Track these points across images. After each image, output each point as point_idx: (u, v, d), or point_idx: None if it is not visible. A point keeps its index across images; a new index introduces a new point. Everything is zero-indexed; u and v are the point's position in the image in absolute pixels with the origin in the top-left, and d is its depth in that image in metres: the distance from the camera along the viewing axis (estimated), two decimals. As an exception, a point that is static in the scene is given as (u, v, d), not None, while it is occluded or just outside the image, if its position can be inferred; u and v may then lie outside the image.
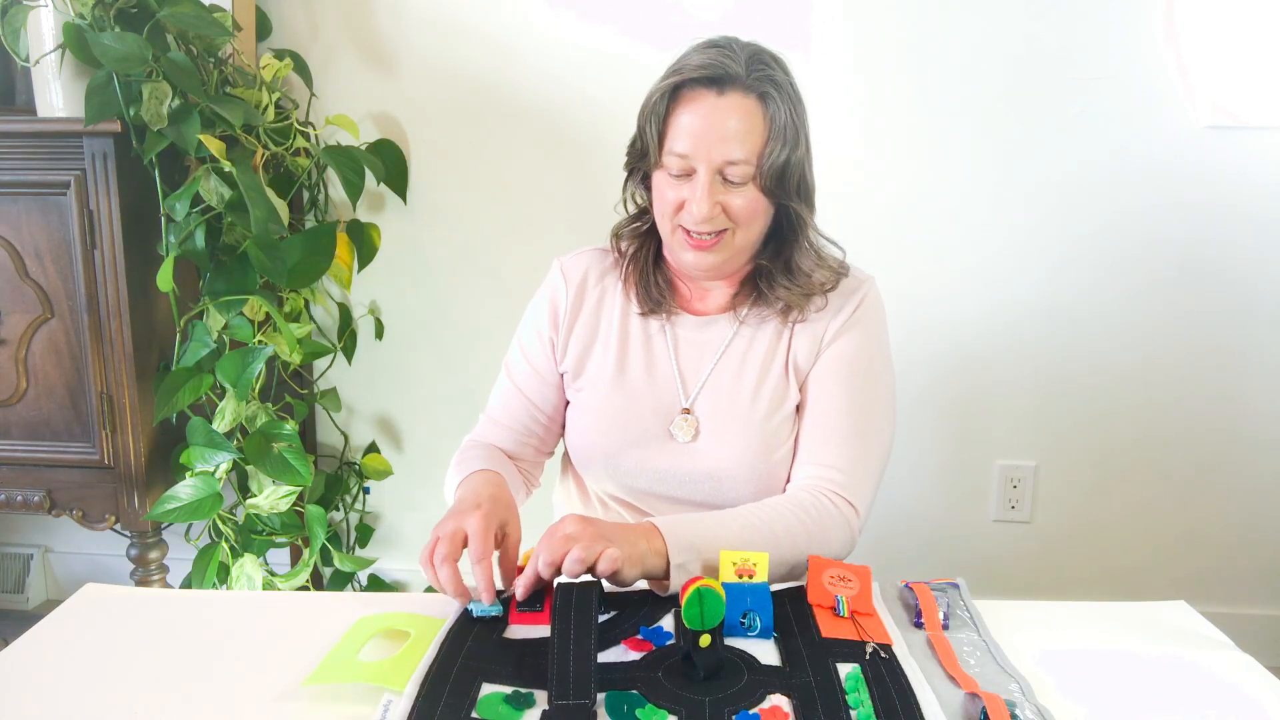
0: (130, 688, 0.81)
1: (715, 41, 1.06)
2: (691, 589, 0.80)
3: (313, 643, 0.86)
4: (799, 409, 1.13)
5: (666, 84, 1.05)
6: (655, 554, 0.92)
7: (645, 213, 1.17)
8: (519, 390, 1.21)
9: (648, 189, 1.14)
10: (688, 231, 1.07)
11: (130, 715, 0.77)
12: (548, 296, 1.21)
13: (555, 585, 0.89)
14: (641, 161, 1.11)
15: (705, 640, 0.80)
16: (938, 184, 1.90)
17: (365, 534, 2.13)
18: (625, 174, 1.17)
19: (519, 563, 0.94)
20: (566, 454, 1.26)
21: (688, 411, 1.13)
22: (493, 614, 0.88)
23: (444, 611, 0.90)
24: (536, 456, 1.25)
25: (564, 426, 1.24)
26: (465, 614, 0.89)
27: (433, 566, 0.91)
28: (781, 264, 1.12)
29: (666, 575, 0.93)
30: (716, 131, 1.02)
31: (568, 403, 1.22)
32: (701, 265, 1.10)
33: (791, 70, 1.08)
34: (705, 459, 1.12)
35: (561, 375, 1.21)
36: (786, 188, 1.06)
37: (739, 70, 1.02)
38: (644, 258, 1.17)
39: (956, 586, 0.99)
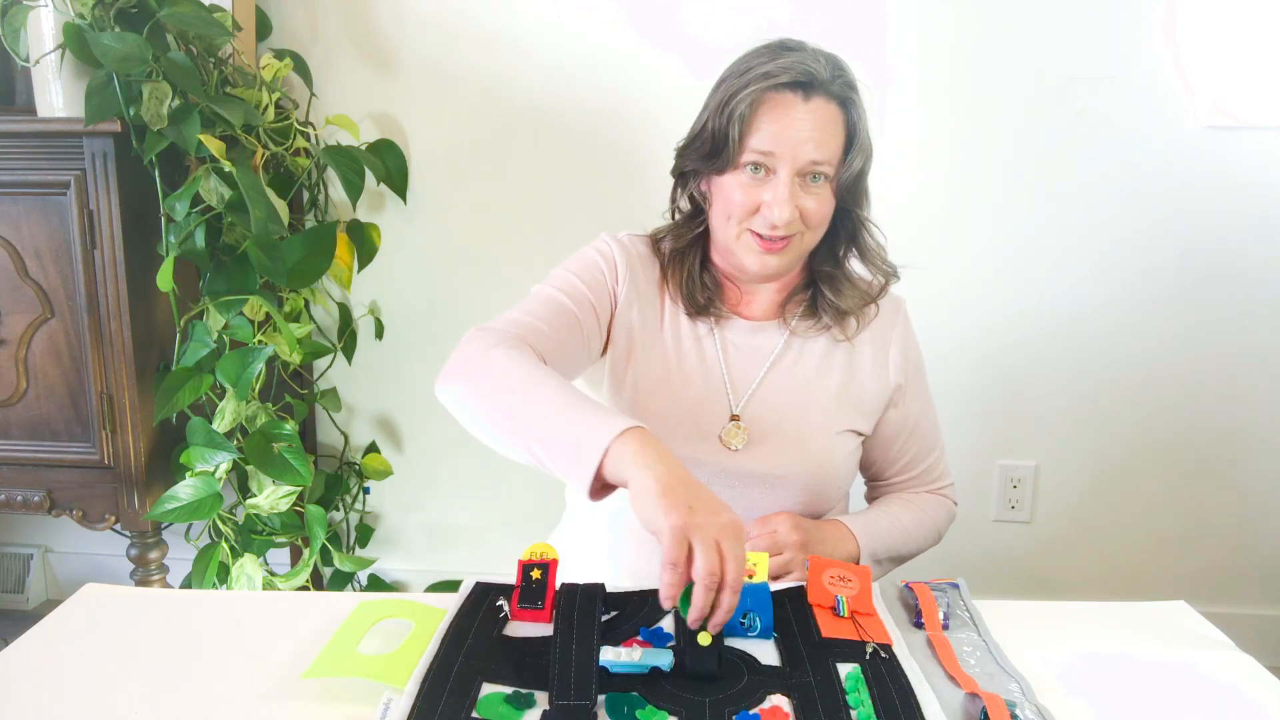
0: (130, 688, 0.81)
1: (788, 45, 1.04)
2: (685, 586, 0.81)
3: (312, 642, 0.86)
4: (875, 435, 1.19)
5: (755, 88, 1.01)
6: (848, 557, 1.09)
7: (695, 217, 1.14)
8: (568, 301, 1.06)
9: (700, 193, 1.12)
10: (756, 235, 1.05)
11: (130, 715, 0.77)
12: (609, 253, 1.13)
13: (558, 585, 0.89)
14: (708, 162, 1.07)
15: (705, 638, 0.79)
16: (935, 186, 1.90)
17: (365, 534, 2.13)
18: (674, 180, 1.14)
19: (522, 558, 0.94)
20: None
21: (736, 418, 1.11)
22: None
23: (444, 604, 0.90)
24: None
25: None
26: (463, 611, 0.89)
27: (709, 585, 0.75)
28: (841, 271, 1.14)
29: None
30: (802, 133, 1.01)
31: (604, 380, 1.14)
32: (767, 268, 1.08)
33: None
34: (756, 467, 1.10)
35: (605, 349, 1.13)
36: (856, 195, 1.08)
37: (824, 74, 1.01)
38: (689, 260, 1.14)
39: (956, 586, 0.99)
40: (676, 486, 0.78)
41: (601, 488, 0.83)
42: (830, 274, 1.13)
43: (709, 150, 1.06)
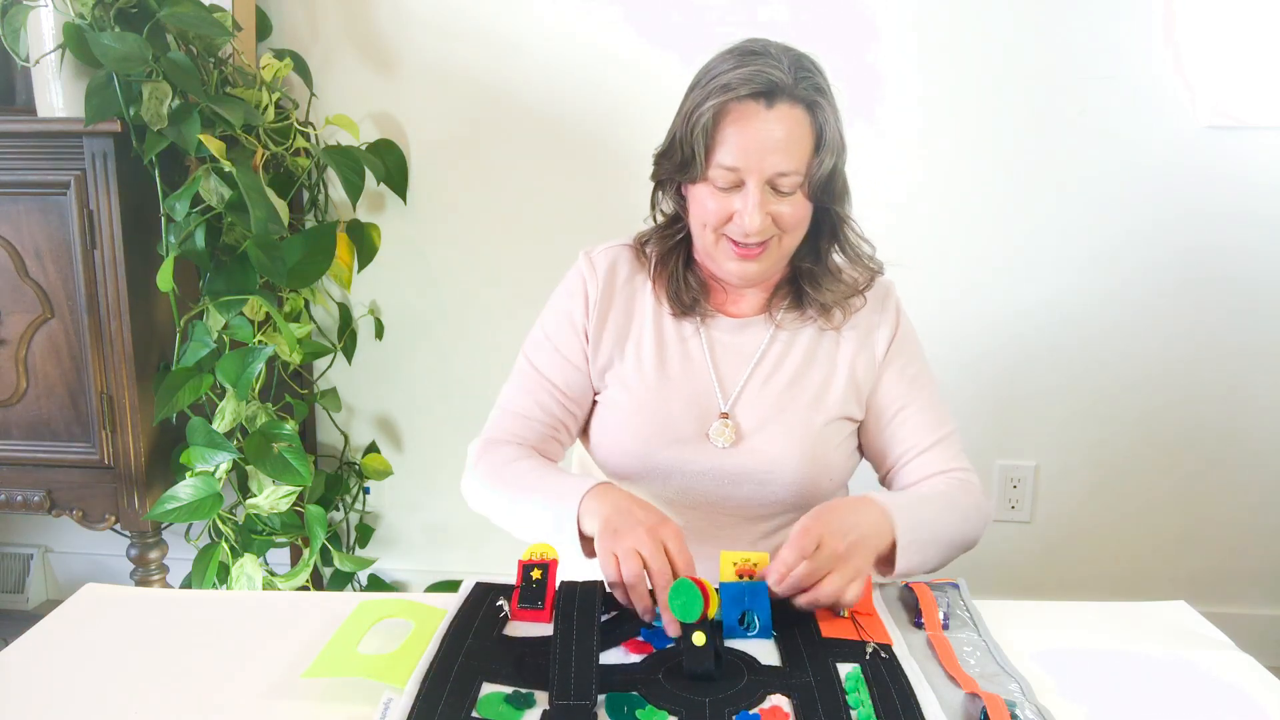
0: (130, 688, 0.81)
1: (752, 49, 1.03)
2: (674, 584, 0.83)
3: (312, 642, 0.86)
4: (870, 415, 1.16)
5: (715, 101, 1.01)
6: (885, 546, 0.97)
7: (676, 221, 1.15)
8: (547, 380, 1.15)
9: (679, 198, 1.13)
10: (733, 241, 1.06)
11: (130, 715, 0.77)
12: (578, 285, 1.16)
13: (559, 584, 0.90)
14: (680, 174, 1.08)
15: (700, 638, 0.80)
16: (935, 186, 1.90)
17: (365, 534, 2.13)
18: (653, 185, 1.15)
19: (522, 558, 0.94)
20: (582, 456, 1.24)
21: (726, 416, 1.11)
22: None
23: (444, 604, 0.91)
24: (559, 451, 1.19)
25: (585, 424, 1.19)
26: (464, 611, 0.89)
27: (637, 585, 0.86)
28: (823, 266, 1.13)
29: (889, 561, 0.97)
30: (767, 144, 1.01)
31: (594, 400, 1.18)
32: (746, 275, 1.08)
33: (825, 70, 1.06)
34: (746, 463, 1.10)
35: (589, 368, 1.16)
36: (832, 193, 1.07)
37: (786, 80, 1.00)
38: (674, 262, 1.14)
39: (956, 586, 0.99)
40: (612, 518, 0.93)
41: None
42: (812, 270, 1.13)
43: (680, 161, 1.07)
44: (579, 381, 1.16)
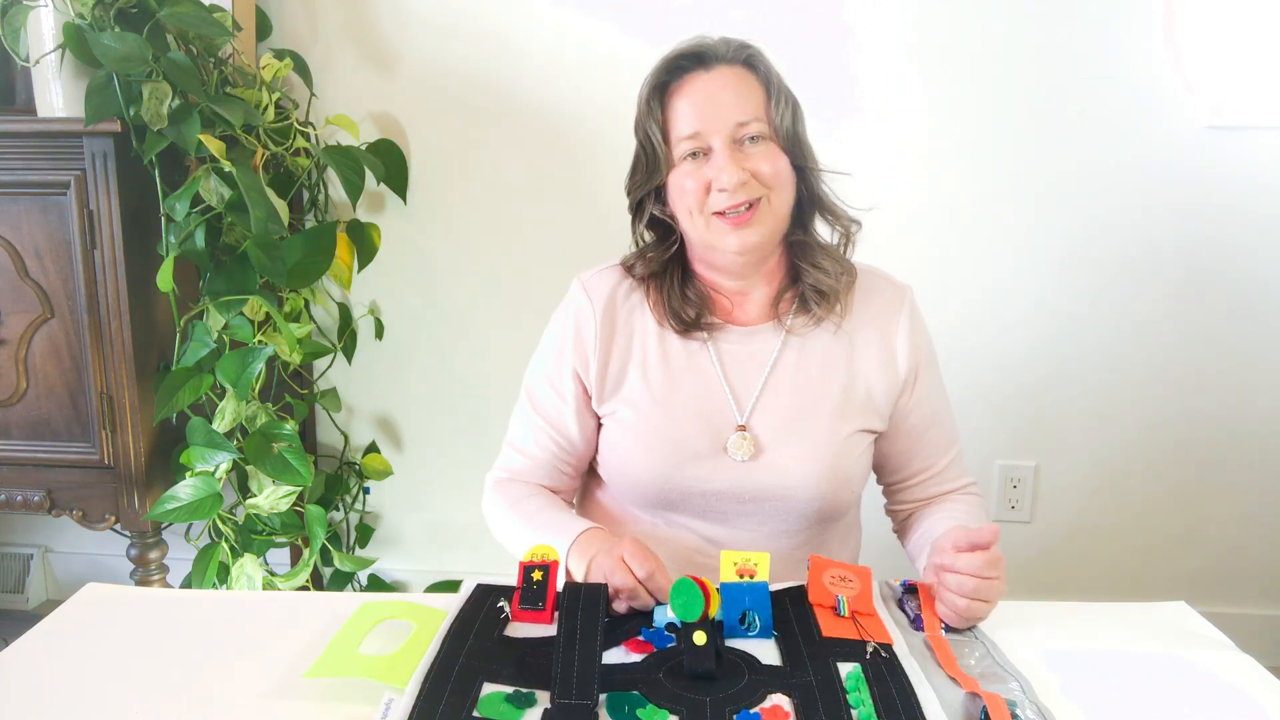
0: (130, 688, 0.81)
1: (682, 40, 1.09)
2: (674, 585, 0.83)
3: (313, 642, 0.86)
4: (895, 432, 1.15)
5: (655, 72, 1.08)
6: None
7: (664, 240, 1.13)
8: (547, 422, 1.15)
9: (662, 209, 1.12)
10: (723, 215, 1.04)
11: (130, 715, 0.77)
12: (571, 318, 1.14)
13: (564, 584, 0.90)
14: (653, 177, 1.08)
15: (700, 637, 0.80)
16: (937, 186, 1.90)
17: (365, 534, 2.13)
18: (632, 216, 1.15)
19: (523, 559, 0.94)
20: (591, 473, 1.22)
21: (743, 429, 1.08)
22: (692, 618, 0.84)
23: (445, 606, 0.91)
24: (570, 484, 1.20)
25: (595, 450, 1.18)
26: (465, 612, 0.89)
27: (633, 576, 0.92)
28: (812, 235, 1.13)
29: None
30: (717, 100, 1.04)
31: (598, 426, 1.16)
32: (747, 244, 1.05)
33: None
34: (768, 477, 1.08)
35: (590, 397, 1.15)
36: (803, 148, 1.08)
37: (717, 46, 1.07)
38: (668, 279, 1.12)
39: (957, 586, 0.98)
40: (589, 560, 0.97)
41: None
42: (803, 243, 1.12)
43: (647, 163, 1.08)
44: (577, 422, 1.15)
